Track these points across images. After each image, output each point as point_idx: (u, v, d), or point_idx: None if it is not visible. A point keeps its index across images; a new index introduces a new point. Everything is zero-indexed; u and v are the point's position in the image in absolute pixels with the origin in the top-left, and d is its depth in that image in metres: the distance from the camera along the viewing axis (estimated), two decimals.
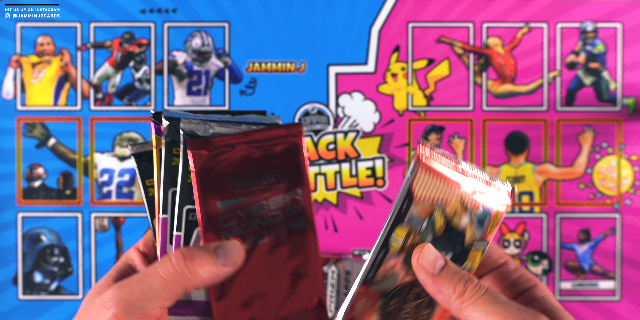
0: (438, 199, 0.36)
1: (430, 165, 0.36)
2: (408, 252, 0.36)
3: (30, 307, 0.87)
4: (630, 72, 0.89)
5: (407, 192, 0.36)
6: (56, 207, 0.88)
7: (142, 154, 0.42)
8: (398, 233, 0.36)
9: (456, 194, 0.36)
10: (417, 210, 0.36)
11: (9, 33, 0.88)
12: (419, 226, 0.36)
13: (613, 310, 0.88)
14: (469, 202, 0.37)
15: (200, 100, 0.88)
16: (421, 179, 0.36)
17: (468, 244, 0.37)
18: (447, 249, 0.37)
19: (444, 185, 0.36)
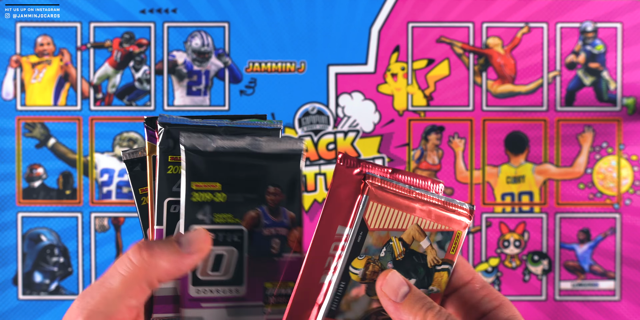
0: (393, 227, 0.36)
1: (381, 196, 0.36)
2: (371, 280, 0.37)
3: (30, 307, 0.87)
4: (630, 72, 0.89)
5: (361, 224, 0.36)
6: (56, 207, 0.88)
7: (135, 160, 0.40)
8: (356, 264, 0.36)
9: (411, 220, 0.37)
10: (373, 240, 0.36)
11: (9, 33, 0.88)
12: (377, 254, 0.36)
13: (613, 310, 0.88)
14: (426, 227, 0.37)
15: (200, 100, 0.88)
16: (373, 209, 0.36)
17: (431, 266, 0.37)
18: (410, 273, 0.37)
19: (398, 213, 0.36)
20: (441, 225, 0.37)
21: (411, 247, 0.37)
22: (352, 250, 0.36)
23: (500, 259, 0.89)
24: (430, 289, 0.37)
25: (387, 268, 0.37)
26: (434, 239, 0.37)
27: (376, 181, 0.36)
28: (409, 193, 0.37)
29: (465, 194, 0.89)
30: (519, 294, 0.89)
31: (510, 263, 0.89)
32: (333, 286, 0.36)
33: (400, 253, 0.37)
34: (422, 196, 0.37)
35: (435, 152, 0.89)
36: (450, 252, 0.38)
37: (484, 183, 0.89)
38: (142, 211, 0.39)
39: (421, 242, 0.37)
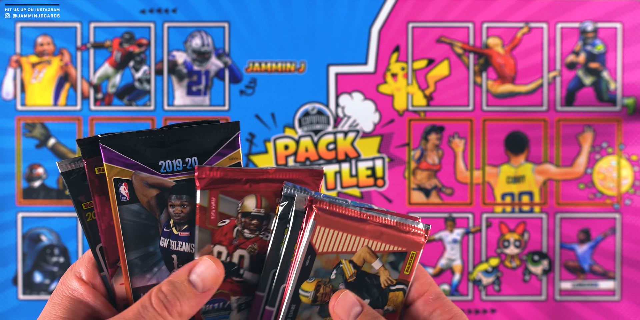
0: (342, 250, 0.36)
1: (329, 219, 0.36)
2: (322, 302, 0.36)
3: (30, 307, 0.87)
4: (630, 72, 0.89)
5: (308, 248, 0.36)
6: (56, 207, 0.88)
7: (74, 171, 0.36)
8: (306, 287, 0.36)
9: (361, 242, 0.36)
10: (322, 263, 0.36)
11: (9, 33, 0.88)
12: (328, 277, 0.36)
13: (613, 310, 0.88)
14: (377, 249, 0.37)
15: (200, 100, 0.88)
16: (320, 233, 0.36)
17: (385, 287, 0.37)
18: (364, 294, 0.37)
19: (347, 236, 0.36)
20: (393, 246, 0.37)
21: (362, 268, 0.37)
22: (300, 274, 0.36)
23: (500, 259, 0.89)
24: (386, 309, 0.37)
25: (339, 289, 0.36)
26: (386, 259, 0.37)
27: (324, 205, 0.36)
28: (359, 215, 0.36)
29: (465, 194, 0.89)
30: (519, 294, 0.89)
31: (511, 263, 0.89)
32: (284, 309, 0.36)
33: (351, 275, 0.37)
34: (373, 218, 0.36)
35: (435, 152, 0.89)
36: (404, 272, 0.37)
37: (484, 183, 0.89)
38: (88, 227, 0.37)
39: (373, 263, 0.37)
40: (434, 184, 0.89)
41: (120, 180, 0.36)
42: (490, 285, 0.89)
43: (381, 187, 0.88)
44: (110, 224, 0.36)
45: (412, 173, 0.89)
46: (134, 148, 0.36)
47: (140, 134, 0.36)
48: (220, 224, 0.36)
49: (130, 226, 0.36)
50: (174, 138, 0.36)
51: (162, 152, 0.36)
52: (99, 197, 0.36)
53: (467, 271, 0.89)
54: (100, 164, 0.36)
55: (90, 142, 0.35)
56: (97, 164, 0.36)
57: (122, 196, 0.36)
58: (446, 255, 0.89)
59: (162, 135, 0.36)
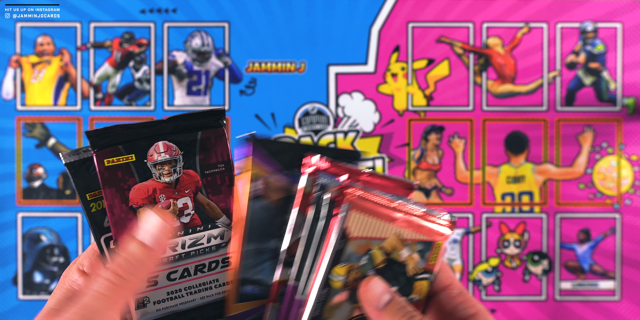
0: (373, 236, 0.37)
1: (362, 205, 0.37)
2: (352, 287, 0.37)
3: (30, 307, 0.87)
4: (630, 72, 0.89)
5: (342, 233, 0.36)
6: (56, 207, 0.88)
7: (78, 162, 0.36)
8: (337, 271, 0.37)
9: (392, 230, 0.37)
10: (354, 248, 0.37)
11: (9, 33, 0.88)
12: (358, 262, 0.37)
13: (613, 310, 0.88)
14: (406, 237, 0.37)
15: (200, 100, 0.88)
16: (354, 218, 0.36)
17: (411, 275, 0.38)
18: (391, 281, 0.37)
19: (378, 223, 0.37)
20: (421, 235, 0.38)
21: (391, 256, 0.37)
22: (333, 258, 0.36)
23: (500, 259, 0.89)
24: (410, 298, 0.38)
25: (368, 275, 0.37)
26: (414, 248, 0.37)
27: (358, 190, 0.37)
28: (389, 203, 0.37)
29: (465, 194, 0.89)
30: (519, 294, 0.89)
31: (511, 263, 0.89)
32: (315, 293, 0.36)
33: (380, 262, 0.37)
34: (402, 206, 0.37)
35: (435, 152, 0.89)
36: (430, 262, 0.38)
37: (484, 183, 0.89)
38: (93, 218, 0.36)
39: (401, 251, 0.37)
40: (434, 184, 0.89)
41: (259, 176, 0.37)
42: (490, 285, 0.89)
43: None
44: (121, 216, 0.36)
45: (412, 173, 0.89)
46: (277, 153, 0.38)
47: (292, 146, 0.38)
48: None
49: (258, 219, 0.37)
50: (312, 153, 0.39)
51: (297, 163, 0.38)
52: (109, 188, 0.36)
53: (467, 271, 0.89)
54: (109, 156, 0.36)
55: (99, 133, 0.35)
56: (106, 156, 0.36)
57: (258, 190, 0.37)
58: (446, 255, 0.89)
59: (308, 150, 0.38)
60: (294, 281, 0.37)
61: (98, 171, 0.36)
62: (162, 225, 0.34)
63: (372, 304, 0.35)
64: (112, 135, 0.36)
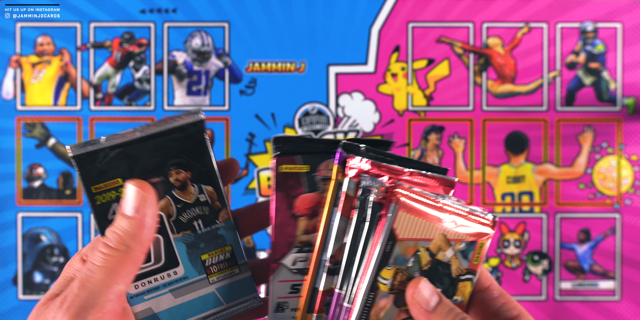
0: (421, 237, 0.36)
1: (409, 205, 0.36)
2: (398, 290, 0.36)
3: (30, 307, 0.87)
4: (630, 72, 0.89)
5: (390, 234, 0.36)
6: (56, 207, 0.88)
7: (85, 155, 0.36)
8: (385, 274, 0.36)
9: (438, 230, 0.36)
10: (402, 249, 0.36)
11: (9, 33, 0.88)
12: (405, 264, 0.36)
13: (613, 310, 0.88)
14: (451, 237, 0.37)
15: (200, 100, 0.88)
16: (402, 219, 0.36)
17: (456, 276, 0.37)
18: (436, 283, 0.37)
19: (425, 223, 0.36)
20: (465, 235, 0.37)
21: (437, 256, 0.37)
22: (381, 260, 0.36)
23: (500, 259, 0.89)
24: (454, 299, 0.37)
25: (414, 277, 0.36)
26: (458, 248, 0.37)
27: (405, 190, 0.36)
28: (435, 202, 0.37)
29: (465, 194, 0.89)
30: (519, 294, 0.89)
31: (511, 263, 0.89)
32: (362, 297, 0.36)
33: (426, 263, 0.36)
34: (447, 206, 0.37)
35: (436, 152, 0.89)
36: (473, 262, 0.37)
37: (484, 183, 0.89)
38: (98, 211, 0.37)
39: (446, 251, 0.37)
40: None
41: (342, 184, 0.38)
42: None
43: None
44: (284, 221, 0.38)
45: None
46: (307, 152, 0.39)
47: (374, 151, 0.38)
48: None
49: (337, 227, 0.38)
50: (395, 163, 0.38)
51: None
52: (280, 193, 0.38)
53: None
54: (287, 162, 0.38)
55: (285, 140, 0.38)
56: (285, 162, 0.38)
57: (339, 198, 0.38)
58: None
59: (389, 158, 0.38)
60: (339, 289, 0.37)
61: (275, 175, 0.38)
62: (139, 193, 0.34)
63: (422, 306, 0.35)
64: (294, 144, 0.38)
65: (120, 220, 0.34)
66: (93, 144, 0.37)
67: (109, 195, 0.37)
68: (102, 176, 0.36)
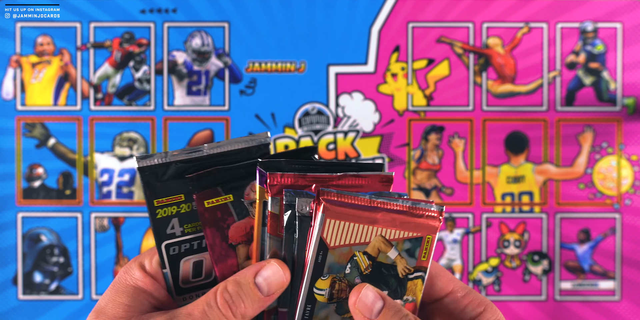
0: (355, 242, 0.35)
1: (338, 211, 0.34)
2: (339, 298, 0.35)
3: (30, 307, 0.87)
4: (630, 72, 0.89)
5: (320, 243, 0.34)
6: (56, 207, 0.88)
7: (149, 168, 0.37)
8: (320, 285, 0.35)
9: (375, 232, 0.35)
10: (335, 257, 0.35)
11: (9, 33, 0.88)
12: (342, 272, 0.35)
13: (613, 310, 0.88)
14: (392, 237, 0.35)
15: (200, 100, 0.88)
16: (331, 226, 0.34)
17: (403, 276, 0.36)
18: (381, 285, 0.35)
19: (359, 227, 0.34)
20: (408, 233, 0.35)
21: (378, 259, 0.35)
22: (313, 272, 0.34)
23: (500, 259, 0.89)
24: (405, 299, 0.36)
25: (355, 284, 0.35)
26: (402, 247, 0.35)
27: (331, 196, 0.34)
28: (369, 203, 0.35)
29: (465, 194, 0.89)
30: (519, 294, 0.89)
31: (511, 263, 0.89)
32: (299, 310, 0.35)
33: (366, 267, 0.35)
34: (384, 205, 0.35)
35: (435, 152, 0.89)
36: (421, 259, 0.36)
37: (484, 183, 0.89)
38: (157, 224, 0.37)
39: (388, 253, 0.35)
40: (434, 184, 0.89)
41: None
42: (490, 285, 0.89)
43: None
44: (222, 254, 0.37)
45: (412, 173, 0.89)
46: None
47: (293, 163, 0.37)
48: None
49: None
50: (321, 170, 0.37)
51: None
52: (210, 228, 0.37)
53: (467, 271, 0.89)
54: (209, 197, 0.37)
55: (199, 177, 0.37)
56: (206, 197, 0.37)
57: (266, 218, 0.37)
58: (446, 255, 0.89)
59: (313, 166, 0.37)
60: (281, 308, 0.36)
61: (199, 212, 0.37)
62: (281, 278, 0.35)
63: (365, 314, 0.34)
64: (211, 177, 0.37)
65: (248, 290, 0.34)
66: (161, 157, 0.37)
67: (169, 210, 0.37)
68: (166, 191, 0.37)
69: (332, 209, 0.34)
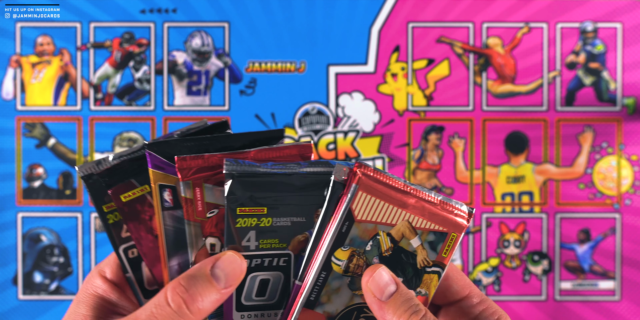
0: (382, 221, 0.34)
1: (372, 186, 0.34)
2: (354, 274, 0.35)
3: (30, 307, 0.87)
4: (630, 72, 0.89)
5: (347, 213, 0.34)
6: (56, 207, 0.88)
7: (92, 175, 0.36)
8: (339, 255, 0.34)
9: (403, 216, 0.35)
10: (359, 231, 0.34)
11: (9, 33, 0.88)
12: (363, 247, 0.34)
13: (613, 310, 0.88)
14: (418, 225, 0.35)
15: (200, 100, 0.88)
16: (362, 199, 0.34)
17: (421, 267, 0.35)
18: (397, 271, 0.35)
19: (388, 207, 0.34)
20: (435, 225, 0.35)
21: (400, 244, 0.35)
22: (335, 240, 0.34)
23: (500, 259, 0.89)
24: (418, 291, 0.36)
25: (372, 263, 0.35)
26: (425, 238, 0.35)
27: (368, 171, 0.34)
28: (403, 187, 0.35)
29: (465, 194, 0.89)
30: (519, 294, 0.89)
31: (511, 263, 0.89)
32: (313, 275, 0.34)
33: (387, 249, 0.35)
34: (417, 192, 0.35)
35: (435, 152, 0.89)
36: (442, 255, 0.36)
37: (484, 183, 0.89)
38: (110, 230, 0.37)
39: (411, 240, 0.35)
40: (434, 184, 0.89)
41: (165, 186, 0.35)
42: (490, 285, 0.89)
43: None
44: (149, 246, 0.36)
45: (412, 173, 0.89)
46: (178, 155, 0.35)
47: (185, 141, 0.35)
48: (209, 215, 0.35)
49: (173, 232, 0.36)
50: (217, 145, 0.36)
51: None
52: (132, 222, 0.36)
53: (467, 271, 0.89)
54: (124, 191, 0.36)
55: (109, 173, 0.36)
56: (121, 192, 0.36)
57: (166, 202, 0.35)
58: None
59: (206, 142, 0.36)
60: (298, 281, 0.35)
61: (118, 208, 0.36)
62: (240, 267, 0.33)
63: (376, 294, 0.33)
64: (121, 171, 0.36)
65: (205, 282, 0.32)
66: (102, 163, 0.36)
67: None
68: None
69: (366, 183, 0.34)
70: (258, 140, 0.37)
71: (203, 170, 0.35)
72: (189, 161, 0.34)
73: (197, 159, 0.34)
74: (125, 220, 0.36)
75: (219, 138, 0.36)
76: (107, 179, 0.36)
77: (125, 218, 0.36)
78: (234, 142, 0.36)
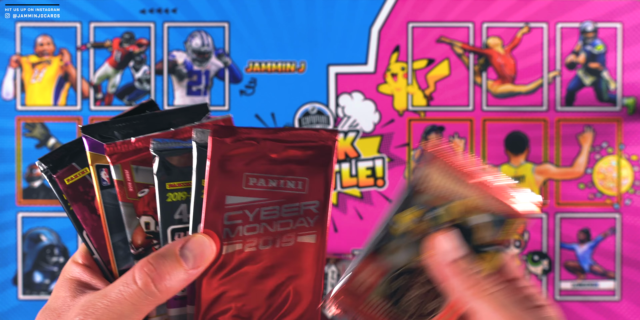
0: (455, 192, 0.35)
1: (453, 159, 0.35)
2: (415, 237, 0.35)
3: (30, 307, 0.87)
4: (630, 72, 0.89)
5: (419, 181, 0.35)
6: (56, 207, 0.88)
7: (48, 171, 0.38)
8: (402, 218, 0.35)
9: (474, 192, 0.35)
10: (427, 200, 0.35)
11: (9, 33, 0.88)
12: (431, 214, 0.35)
13: (613, 310, 0.88)
14: (487, 204, 0.35)
15: (200, 100, 0.88)
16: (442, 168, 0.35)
17: (480, 245, 0.35)
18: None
19: (464, 181, 0.35)
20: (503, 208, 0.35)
21: (465, 217, 0.35)
22: (403, 202, 0.35)
23: None
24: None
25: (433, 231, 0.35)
26: (492, 218, 0.35)
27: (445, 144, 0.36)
28: (481, 167, 0.35)
29: None
30: None
31: None
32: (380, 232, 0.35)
33: (451, 220, 0.35)
34: (490, 171, 0.35)
35: None
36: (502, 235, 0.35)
37: None
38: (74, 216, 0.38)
39: (478, 216, 0.35)
40: None
41: (101, 166, 0.37)
42: None
43: (381, 187, 0.88)
44: (94, 225, 0.38)
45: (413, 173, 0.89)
46: (112, 136, 0.38)
47: (117, 122, 0.38)
48: (140, 195, 0.37)
49: (113, 210, 0.37)
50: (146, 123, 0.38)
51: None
52: (76, 204, 0.38)
53: None
54: (67, 174, 0.38)
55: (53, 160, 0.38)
56: (65, 175, 0.38)
57: (104, 181, 0.37)
58: None
59: (136, 122, 0.38)
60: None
61: (63, 191, 0.38)
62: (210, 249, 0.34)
63: (445, 255, 0.34)
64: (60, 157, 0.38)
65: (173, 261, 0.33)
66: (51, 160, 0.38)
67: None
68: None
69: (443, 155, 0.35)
70: (185, 116, 0.39)
71: (130, 153, 0.37)
72: (118, 146, 0.36)
73: (125, 143, 0.37)
74: (71, 203, 0.38)
75: (148, 117, 0.38)
76: (52, 165, 0.38)
77: (70, 200, 0.38)
78: (161, 119, 0.38)
